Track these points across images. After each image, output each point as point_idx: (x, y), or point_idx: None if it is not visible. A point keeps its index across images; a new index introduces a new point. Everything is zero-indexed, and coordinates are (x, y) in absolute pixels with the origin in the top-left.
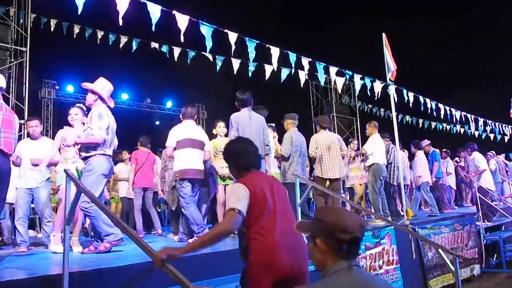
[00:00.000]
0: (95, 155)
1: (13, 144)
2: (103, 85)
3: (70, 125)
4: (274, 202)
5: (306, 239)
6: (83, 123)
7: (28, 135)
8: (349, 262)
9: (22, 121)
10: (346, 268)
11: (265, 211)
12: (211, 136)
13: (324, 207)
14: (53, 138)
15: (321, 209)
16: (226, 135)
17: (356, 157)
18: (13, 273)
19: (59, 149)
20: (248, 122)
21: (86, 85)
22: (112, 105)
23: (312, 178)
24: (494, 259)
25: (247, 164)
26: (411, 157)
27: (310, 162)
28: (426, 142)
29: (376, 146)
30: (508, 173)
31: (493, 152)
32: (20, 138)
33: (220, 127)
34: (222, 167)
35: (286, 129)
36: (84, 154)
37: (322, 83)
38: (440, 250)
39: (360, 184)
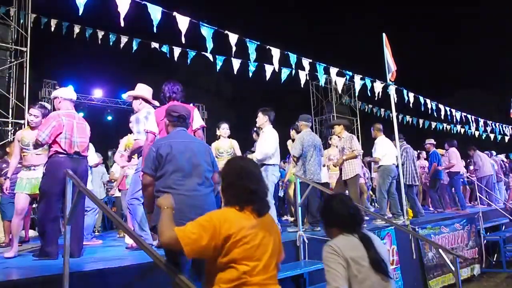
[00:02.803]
0: (139, 153)
1: (87, 147)
2: (142, 89)
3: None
4: None
5: None
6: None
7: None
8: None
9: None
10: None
11: None
12: (214, 137)
13: None
14: None
15: None
16: (230, 137)
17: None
18: (13, 273)
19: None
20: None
21: (129, 94)
22: (157, 103)
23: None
24: (494, 259)
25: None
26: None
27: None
28: (431, 141)
29: (385, 149)
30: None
31: (491, 152)
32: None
33: (223, 129)
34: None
35: (300, 130)
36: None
37: (322, 83)
38: (440, 250)
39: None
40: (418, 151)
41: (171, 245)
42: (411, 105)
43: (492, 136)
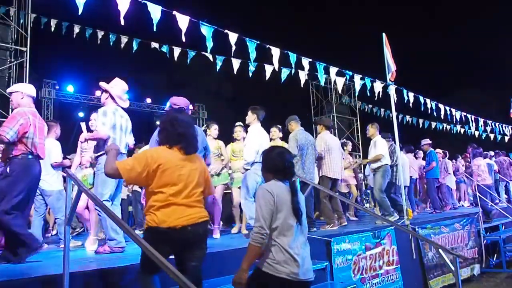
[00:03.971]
0: (104, 153)
1: (44, 149)
2: (113, 84)
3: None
4: None
5: None
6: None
7: None
8: None
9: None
10: None
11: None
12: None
13: None
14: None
15: None
16: (219, 138)
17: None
18: (13, 273)
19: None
20: None
21: (101, 84)
22: (124, 105)
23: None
24: (494, 259)
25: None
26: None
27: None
28: (427, 141)
29: (384, 149)
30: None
31: (490, 152)
32: None
33: (215, 129)
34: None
35: (291, 131)
36: (95, 154)
37: (322, 83)
38: (440, 250)
39: (355, 185)
40: (417, 150)
41: (113, 174)
42: (411, 105)
43: (492, 136)
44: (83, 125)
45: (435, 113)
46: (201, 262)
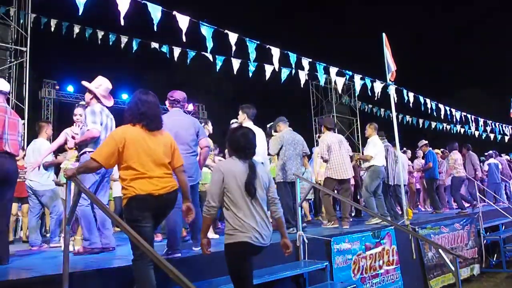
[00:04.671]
0: (85, 152)
1: (18, 145)
2: (98, 84)
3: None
4: None
5: None
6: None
7: (27, 136)
8: None
9: (23, 121)
10: None
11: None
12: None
13: None
14: (53, 139)
15: None
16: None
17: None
18: (13, 273)
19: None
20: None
21: (84, 83)
22: (109, 104)
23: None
24: (494, 259)
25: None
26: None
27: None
28: (423, 142)
29: (377, 149)
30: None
31: (494, 152)
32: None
33: (210, 127)
34: None
35: (279, 132)
36: (78, 154)
37: (322, 83)
38: (440, 250)
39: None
40: (415, 150)
41: (94, 168)
42: (411, 105)
43: (492, 136)
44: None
45: (435, 113)
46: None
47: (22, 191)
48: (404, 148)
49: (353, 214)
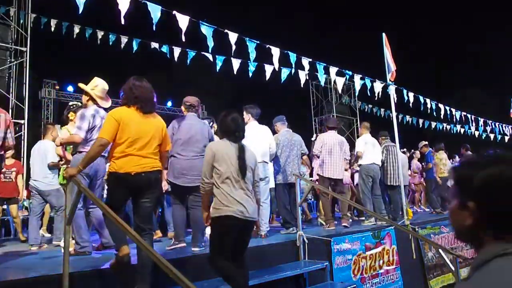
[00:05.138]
0: (76, 153)
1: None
2: (94, 85)
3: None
4: None
5: None
6: None
7: (27, 136)
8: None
9: (23, 121)
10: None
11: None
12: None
13: None
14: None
15: None
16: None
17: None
18: (13, 273)
19: None
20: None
21: (80, 85)
22: (106, 105)
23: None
24: None
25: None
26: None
27: (311, 163)
28: (423, 143)
29: (365, 147)
30: None
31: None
32: (20, 138)
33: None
34: None
35: (277, 131)
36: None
37: (322, 83)
38: (440, 250)
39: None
40: (412, 150)
41: (103, 145)
42: (411, 105)
43: (492, 136)
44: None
45: (435, 113)
46: (153, 203)
47: (9, 191)
48: (404, 149)
49: (355, 215)
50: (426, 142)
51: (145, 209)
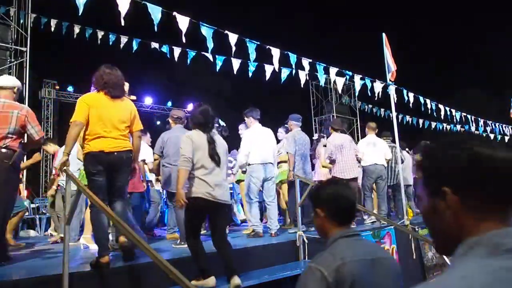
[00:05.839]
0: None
1: (7, 137)
2: None
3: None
4: None
5: None
6: None
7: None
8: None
9: None
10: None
11: None
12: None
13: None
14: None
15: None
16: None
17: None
18: (13, 273)
19: None
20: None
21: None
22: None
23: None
24: None
25: None
26: None
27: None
28: (424, 143)
29: (367, 149)
30: None
31: None
32: None
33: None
34: None
35: (290, 129)
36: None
37: (322, 83)
38: None
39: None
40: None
41: (77, 126)
42: (411, 105)
43: (492, 136)
44: None
45: (435, 113)
46: (125, 183)
47: None
48: (407, 149)
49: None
50: (428, 142)
51: (119, 189)
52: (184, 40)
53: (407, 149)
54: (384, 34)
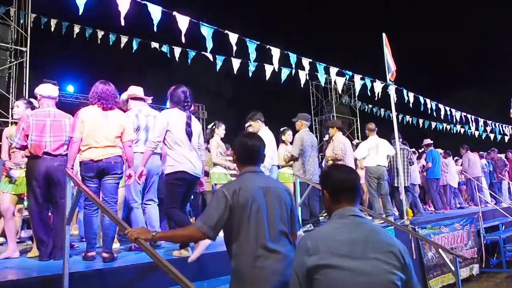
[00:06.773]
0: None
1: (41, 145)
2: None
3: None
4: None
5: None
6: None
7: None
8: None
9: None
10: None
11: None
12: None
13: None
14: None
15: None
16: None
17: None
18: (13, 273)
19: None
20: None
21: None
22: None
23: None
24: (494, 259)
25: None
26: None
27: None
28: (427, 141)
29: (365, 150)
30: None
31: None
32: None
33: (289, 135)
34: None
35: (298, 128)
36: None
37: (322, 83)
38: (440, 250)
39: None
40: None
41: (74, 143)
42: (411, 105)
43: (492, 136)
44: None
45: (435, 113)
46: (115, 181)
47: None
48: (413, 149)
49: None
50: (430, 142)
51: (108, 187)
52: (184, 40)
53: (414, 148)
54: (384, 34)
